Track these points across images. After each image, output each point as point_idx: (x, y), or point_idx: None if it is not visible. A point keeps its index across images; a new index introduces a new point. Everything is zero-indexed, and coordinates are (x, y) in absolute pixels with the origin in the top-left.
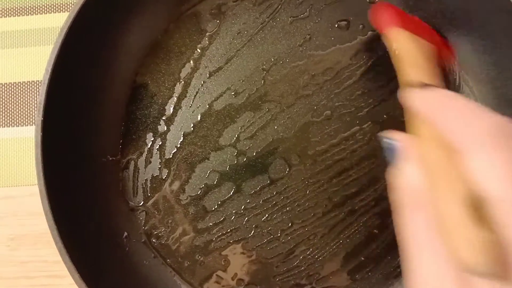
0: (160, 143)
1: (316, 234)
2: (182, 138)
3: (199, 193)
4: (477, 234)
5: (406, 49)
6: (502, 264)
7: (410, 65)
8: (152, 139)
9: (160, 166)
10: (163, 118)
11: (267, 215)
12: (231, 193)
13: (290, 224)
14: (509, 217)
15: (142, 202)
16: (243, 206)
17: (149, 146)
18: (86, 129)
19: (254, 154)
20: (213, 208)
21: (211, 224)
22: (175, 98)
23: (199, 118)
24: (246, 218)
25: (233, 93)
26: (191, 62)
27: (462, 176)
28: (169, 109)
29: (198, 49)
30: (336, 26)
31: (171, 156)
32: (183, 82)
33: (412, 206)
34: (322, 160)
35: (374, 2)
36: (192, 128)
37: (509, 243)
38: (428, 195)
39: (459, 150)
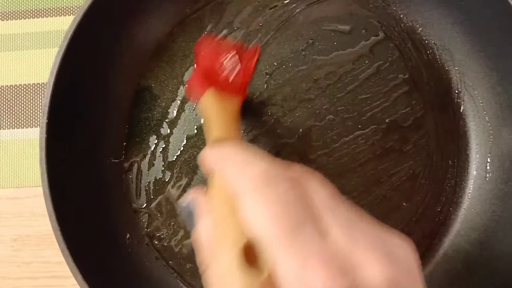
0: (164, 145)
1: None
2: (185, 141)
3: None
4: (244, 281)
5: (211, 111)
6: None
7: (214, 124)
8: (156, 141)
9: (163, 168)
10: (167, 121)
11: None
12: None
13: None
14: (278, 253)
15: (145, 204)
16: None
17: (152, 149)
18: (90, 132)
19: None
20: None
21: None
22: (179, 101)
23: (202, 121)
24: None
25: None
26: (195, 65)
27: (240, 227)
28: (173, 112)
29: None
30: (339, 31)
31: (174, 159)
32: (186, 85)
33: (209, 258)
34: (324, 164)
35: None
36: (195, 131)
37: (279, 277)
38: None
39: (235, 196)
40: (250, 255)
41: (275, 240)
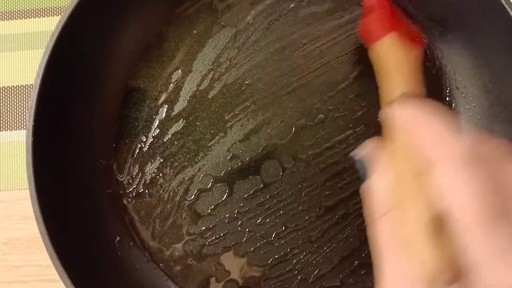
0: (154, 146)
1: (310, 238)
2: (175, 142)
3: (192, 197)
4: (436, 253)
5: (395, 60)
6: (456, 272)
7: (398, 77)
8: (145, 142)
9: (154, 169)
10: (156, 121)
11: (260, 219)
12: (224, 197)
13: (283, 228)
14: (475, 237)
15: (136, 205)
16: (236, 210)
17: (142, 149)
18: (78, 133)
19: (248, 158)
20: (206, 212)
21: (203, 228)
22: (168, 102)
23: (192, 122)
24: (239, 222)
25: (228, 96)
26: (184, 65)
27: (429, 195)
28: (162, 112)
29: (191, 53)
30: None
31: (164, 160)
32: (175, 85)
33: (381, 216)
34: (315, 164)
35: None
36: (184, 132)
37: (466, 256)
38: (396, 207)
39: (431, 165)
40: (436, 227)
41: (474, 222)
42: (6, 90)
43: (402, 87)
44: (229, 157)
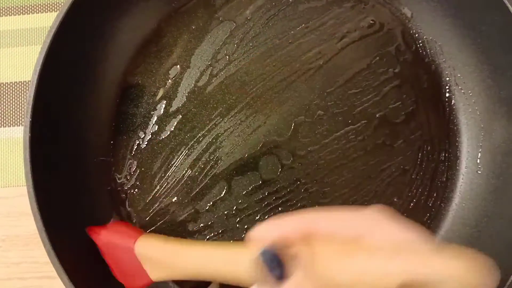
0: (152, 142)
1: None
2: (173, 138)
3: (190, 194)
4: None
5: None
6: None
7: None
8: (143, 138)
9: (151, 166)
10: (154, 117)
11: (259, 215)
12: (223, 194)
13: None
14: None
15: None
16: (235, 207)
17: (140, 146)
18: (76, 130)
19: (246, 154)
20: (205, 209)
21: (202, 225)
22: (166, 98)
23: (191, 119)
24: (238, 219)
25: (226, 92)
26: (182, 61)
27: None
28: (160, 108)
29: (189, 48)
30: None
31: (161, 156)
32: (174, 81)
33: None
34: (314, 160)
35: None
36: (183, 128)
37: None
38: None
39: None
40: None
41: None
42: (3, 87)
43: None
44: (227, 153)
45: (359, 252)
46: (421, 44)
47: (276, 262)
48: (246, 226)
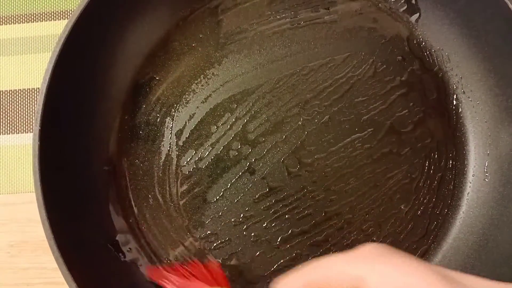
0: (160, 151)
1: (315, 242)
2: (181, 145)
3: (197, 201)
4: None
5: None
6: None
7: None
8: (152, 147)
9: (160, 174)
10: (163, 125)
11: (265, 223)
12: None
13: (289, 232)
14: None
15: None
16: (241, 215)
17: (148, 155)
18: (85, 138)
19: (253, 161)
20: (212, 217)
21: (209, 232)
22: (174, 106)
23: (198, 127)
24: (245, 227)
25: (233, 100)
26: (190, 69)
27: None
28: (169, 116)
29: (196, 57)
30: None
31: (169, 164)
32: (182, 88)
33: None
34: (321, 168)
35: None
36: (187, 135)
37: None
38: None
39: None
40: None
41: None
42: (11, 94)
43: None
44: (235, 161)
45: None
46: (428, 53)
47: None
48: (252, 234)
